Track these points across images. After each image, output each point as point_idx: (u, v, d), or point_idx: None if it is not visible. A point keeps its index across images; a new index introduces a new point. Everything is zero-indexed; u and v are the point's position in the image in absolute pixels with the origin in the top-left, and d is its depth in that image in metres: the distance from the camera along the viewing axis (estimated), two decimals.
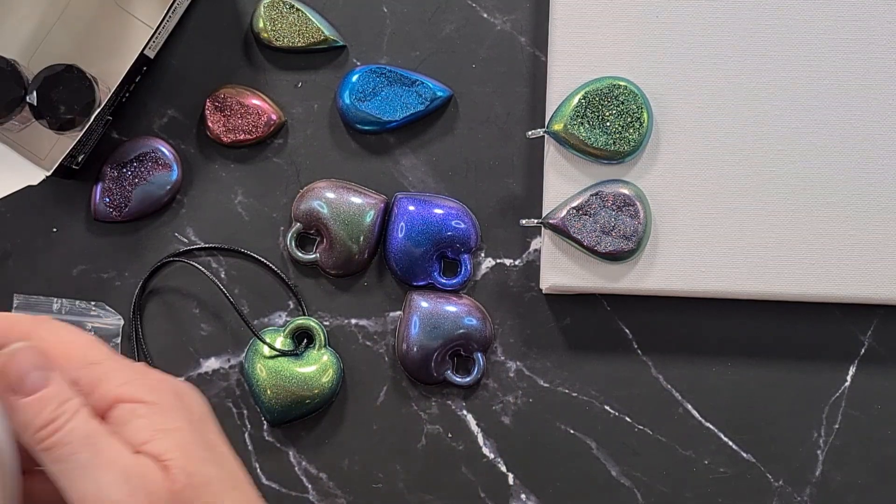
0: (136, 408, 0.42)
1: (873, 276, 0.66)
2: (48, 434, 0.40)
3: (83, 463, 0.40)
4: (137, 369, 0.44)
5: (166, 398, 0.43)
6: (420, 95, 0.69)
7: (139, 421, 0.41)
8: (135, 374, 0.43)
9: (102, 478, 0.39)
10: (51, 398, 0.40)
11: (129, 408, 0.42)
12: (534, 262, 0.69)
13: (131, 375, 0.43)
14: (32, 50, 0.70)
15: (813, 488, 0.69)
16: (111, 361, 0.43)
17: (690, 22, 0.66)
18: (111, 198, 0.69)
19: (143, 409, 0.42)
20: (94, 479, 0.39)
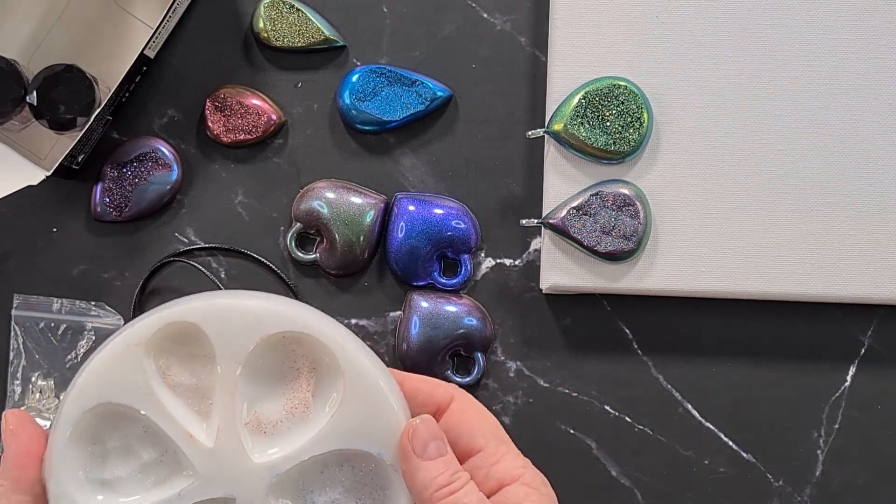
0: (531, 493, 0.49)
1: (873, 276, 0.66)
2: (446, 494, 0.47)
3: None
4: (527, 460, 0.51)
5: (552, 494, 0.50)
6: (420, 95, 0.69)
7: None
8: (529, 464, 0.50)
9: None
10: (448, 465, 0.48)
11: (524, 491, 0.49)
12: (534, 262, 0.69)
13: (527, 463, 0.50)
14: (32, 50, 0.70)
15: (813, 488, 0.69)
16: (512, 446, 0.51)
17: (690, 22, 0.66)
18: (111, 198, 0.69)
19: (536, 496, 0.49)
20: None
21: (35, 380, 0.69)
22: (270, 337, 0.51)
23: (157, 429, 0.51)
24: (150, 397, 0.51)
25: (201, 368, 0.52)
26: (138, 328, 0.51)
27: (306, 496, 0.52)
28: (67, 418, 0.50)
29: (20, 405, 0.69)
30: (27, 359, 0.69)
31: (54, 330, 0.69)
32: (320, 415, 0.51)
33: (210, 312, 0.51)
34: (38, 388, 0.69)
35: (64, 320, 0.69)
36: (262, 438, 0.52)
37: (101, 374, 0.51)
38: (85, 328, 0.69)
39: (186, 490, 0.50)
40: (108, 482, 0.52)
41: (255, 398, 0.52)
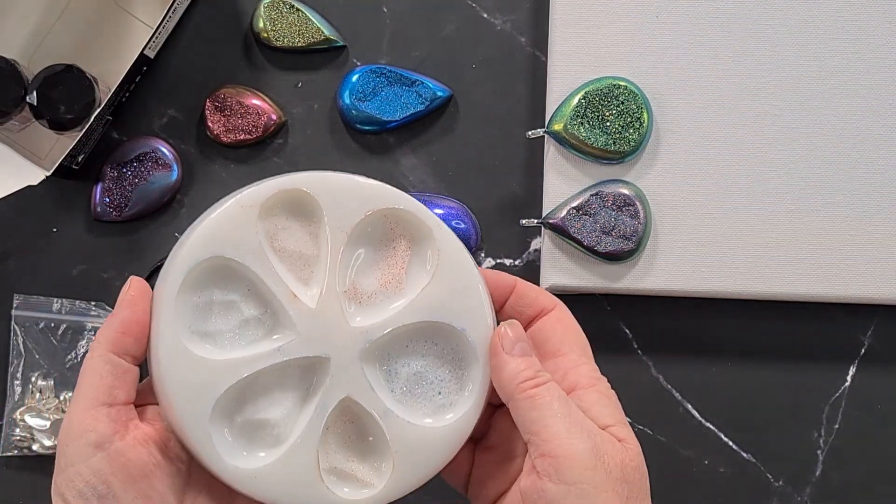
0: (603, 398, 0.51)
1: (873, 276, 0.66)
2: (532, 385, 0.50)
3: (559, 412, 0.49)
4: (604, 378, 0.53)
5: (621, 410, 0.52)
6: (420, 95, 0.69)
7: (605, 409, 0.51)
8: (605, 380, 0.53)
9: (572, 429, 0.49)
10: (532, 363, 0.51)
11: (597, 396, 0.51)
12: (534, 262, 0.69)
13: (602, 378, 0.53)
14: (32, 50, 0.70)
15: (813, 488, 0.69)
16: (594, 364, 0.54)
17: (690, 22, 0.66)
18: (111, 198, 0.69)
19: (608, 402, 0.51)
20: (566, 428, 0.49)
21: (35, 380, 0.69)
22: (377, 212, 0.55)
23: (263, 287, 0.54)
24: (261, 256, 0.54)
25: (307, 238, 0.56)
26: (254, 191, 0.55)
27: (391, 366, 0.55)
28: (181, 267, 0.53)
29: (20, 405, 0.69)
30: (27, 359, 0.69)
31: (54, 330, 0.69)
32: (413, 289, 0.55)
33: (324, 184, 0.55)
34: (38, 388, 0.69)
35: (64, 320, 0.69)
36: (358, 307, 0.55)
37: (215, 229, 0.54)
38: (85, 328, 0.69)
39: (286, 346, 0.54)
40: (210, 334, 0.55)
41: (355, 268, 0.56)
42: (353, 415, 0.55)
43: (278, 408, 0.55)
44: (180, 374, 0.53)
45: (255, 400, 0.55)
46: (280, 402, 0.55)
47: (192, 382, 0.53)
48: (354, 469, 0.55)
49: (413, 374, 0.55)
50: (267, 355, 0.54)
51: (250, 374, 0.54)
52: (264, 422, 0.55)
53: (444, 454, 0.53)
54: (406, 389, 0.55)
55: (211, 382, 0.53)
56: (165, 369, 0.53)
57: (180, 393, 0.53)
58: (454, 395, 0.55)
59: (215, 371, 0.53)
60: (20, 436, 0.69)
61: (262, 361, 0.54)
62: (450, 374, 0.55)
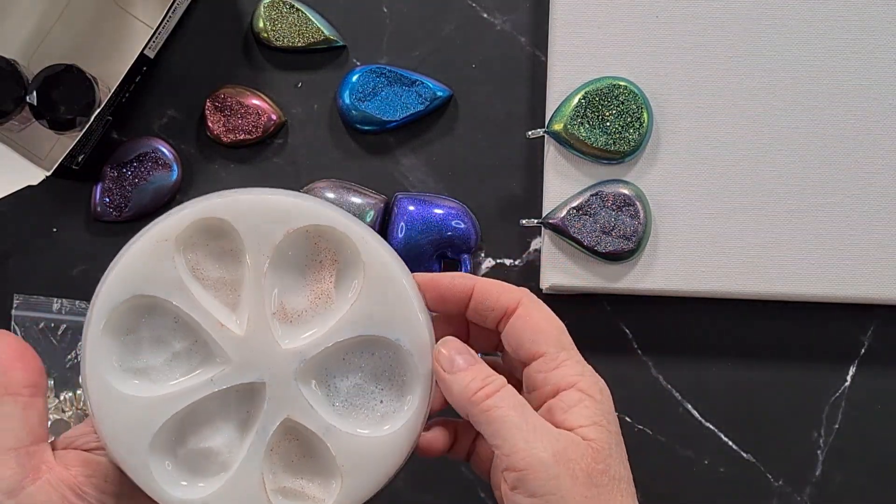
0: (584, 399, 0.50)
1: (873, 276, 0.66)
2: (483, 396, 0.49)
3: (515, 423, 0.48)
4: (588, 367, 0.52)
5: (609, 403, 0.51)
6: (420, 95, 0.69)
7: (583, 410, 0.50)
8: (587, 371, 0.52)
9: (531, 438, 0.47)
10: (478, 371, 0.50)
11: (578, 397, 0.50)
12: (534, 262, 0.69)
13: (585, 370, 0.51)
14: (32, 50, 0.70)
15: (813, 488, 0.69)
16: (574, 352, 0.52)
17: (690, 22, 0.66)
18: (111, 198, 0.69)
19: (589, 402, 0.50)
20: (524, 439, 0.47)
21: None
22: (297, 230, 0.54)
23: (189, 319, 0.54)
24: (181, 289, 0.54)
25: (229, 262, 0.55)
26: (168, 224, 0.54)
27: (330, 381, 0.55)
28: (102, 309, 0.53)
29: None
30: None
31: (54, 330, 0.69)
32: (342, 304, 0.54)
33: (238, 208, 0.54)
34: None
35: (64, 320, 0.69)
36: (288, 327, 0.55)
37: (133, 267, 0.53)
38: None
39: (218, 376, 0.53)
40: (142, 370, 0.55)
41: (281, 289, 0.55)
42: (297, 433, 0.55)
43: (220, 435, 0.55)
44: (113, 415, 0.53)
45: (197, 429, 0.55)
46: (222, 429, 0.55)
47: (126, 422, 0.53)
48: (303, 486, 0.55)
49: (353, 386, 0.55)
50: (199, 387, 0.54)
51: (184, 406, 0.53)
52: (207, 450, 0.55)
53: (392, 463, 0.53)
54: (347, 402, 0.55)
55: (145, 420, 0.53)
56: (98, 412, 0.53)
57: (116, 433, 0.53)
58: (396, 402, 0.55)
59: (148, 408, 0.53)
60: None
61: (195, 393, 0.53)
62: (389, 382, 0.55)
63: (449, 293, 0.54)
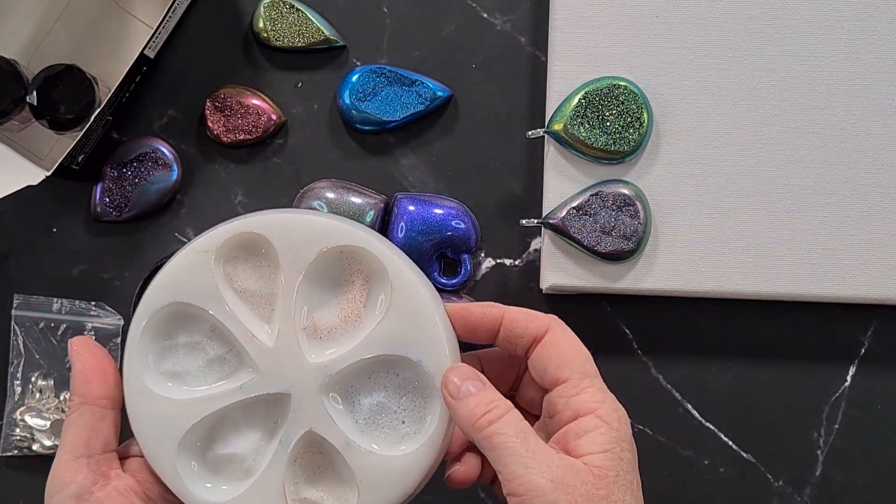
0: (601, 426, 0.50)
1: (873, 276, 0.66)
2: (486, 422, 0.50)
3: (515, 450, 0.48)
4: (609, 394, 0.52)
5: (625, 431, 0.51)
6: (420, 95, 0.69)
7: (597, 436, 0.50)
8: (609, 398, 0.52)
9: (530, 465, 0.48)
10: (483, 397, 0.51)
11: (595, 423, 0.50)
12: (534, 262, 0.69)
13: (607, 398, 0.52)
14: (32, 50, 0.70)
15: (813, 488, 0.69)
16: (597, 380, 0.53)
17: (690, 22, 0.66)
18: (111, 198, 0.69)
19: (605, 429, 0.50)
20: (523, 465, 0.48)
21: (35, 380, 0.69)
22: (330, 249, 0.56)
23: (223, 328, 0.56)
24: (218, 299, 0.56)
25: (266, 276, 0.57)
26: (210, 237, 0.56)
27: (354, 398, 0.56)
28: (142, 314, 0.56)
29: (20, 405, 0.69)
30: (27, 359, 0.69)
31: (54, 330, 0.69)
32: (370, 323, 0.56)
33: (277, 225, 0.56)
34: (38, 388, 0.69)
35: (64, 320, 0.69)
36: (317, 342, 0.56)
37: (174, 276, 0.56)
38: (85, 328, 0.69)
39: (247, 384, 0.55)
40: (177, 374, 0.57)
41: (313, 305, 0.57)
42: (320, 446, 0.56)
43: (246, 442, 0.57)
44: (147, 415, 0.55)
45: (225, 435, 0.57)
46: (248, 436, 0.57)
47: (156, 421, 0.55)
48: (322, 499, 0.56)
49: (376, 404, 0.56)
50: (229, 393, 0.55)
51: (213, 411, 0.55)
52: (233, 456, 0.56)
53: (409, 482, 0.54)
54: (370, 420, 0.56)
55: (175, 421, 0.55)
56: (133, 410, 0.55)
57: (148, 432, 0.55)
58: (417, 423, 0.55)
59: (179, 410, 0.55)
60: (20, 436, 0.69)
61: (225, 399, 0.55)
62: (412, 403, 0.56)
63: (479, 323, 0.54)
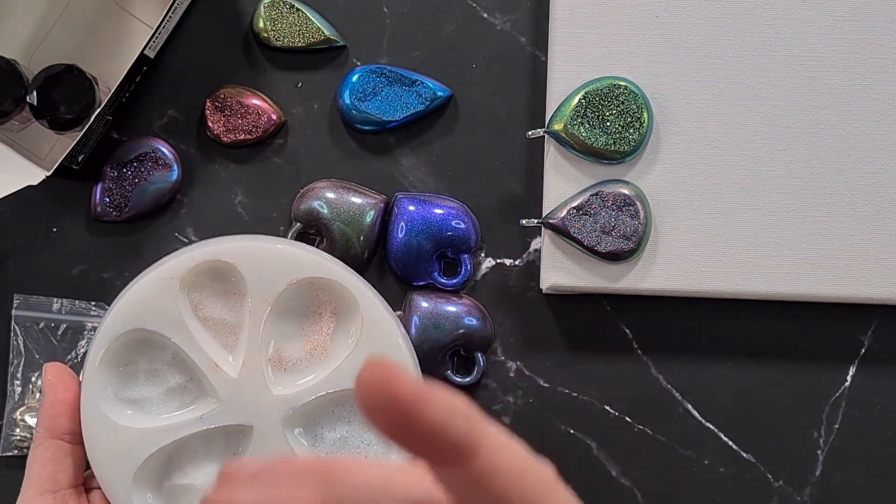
0: None
1: (873, 276, 0.66)
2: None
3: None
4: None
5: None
6: (420, 95, 0.69)
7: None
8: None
9: None
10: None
11: None
12: (534, 262, 0.69)
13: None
14: (32, 50, 0.70)
15: (813, 488, 0.69)
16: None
17: (690, 22, 0.66)
18: (111, 198, 0.69)
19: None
20: None
21: (35, 380, 0.69)
22: (300, 281, 0.55)
23: (185, 356, 0.55)
24: (181, 327, 0.55)
25: (231, 305, 0.56)
26: (176, 263, 0.55)
27: (317, 431, 0.56)
28: (102, 339, 0.55)
29: (20, 405, 0.69)
30: (27, 359, 0.69)
31: (54, 330, 0.69)
32: (337, 356, 0.55)
33: (246, 254, 0.55)
34: (38, 388, 0.69)
35: (64, 320, 0.69)
36: (282, 374, 0.55)
37: (137, 301, 0.55)
38: (85, 328, 0.69)
39: (208, 414, 0.54)
40: (136, 401, 0.56)
41: (278, 337, 0.56)
42: None
43: (204, 473, 0.56)
44: (103, 442, 0.54)
45: (182, 465, 0.56)
46: (205, 467, 0.56)
47: (113, 450, 0.54)
48: None
49: (338, 438, 0.56)
50: (189, 423, 0.54)
51: (171, 441, 0.54)
52: (189, 487, 0.55)
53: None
54: (332, 454, 0.55)
55: (132, 450, 0.54)
56: (89, 437, 0.54)
57: (103, 460, 0.54)
58: (380, 458, 0.55)
59: (136, 439, 0.54)
60: (20, 436, 0.69)
61: (184, 430, 0.54)
62: (376, 438, 0.55)
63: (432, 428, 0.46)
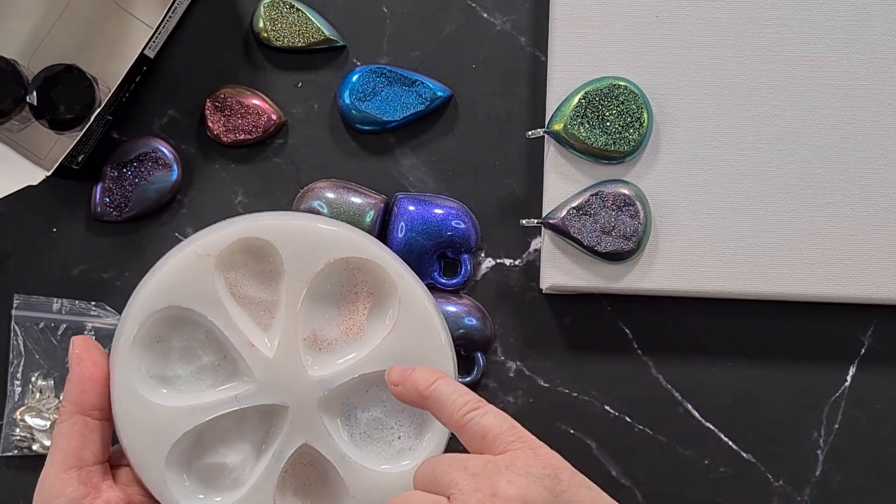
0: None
1: (873, 276, 0.66)
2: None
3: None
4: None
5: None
6: (420, 95, 0.69)
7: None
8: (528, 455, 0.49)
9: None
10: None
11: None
12: (534, 262, 0.69)
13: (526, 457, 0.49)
14: (32, 50, 0.70)
15: (813, 488, 0.69)
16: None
17: (690, 22, 0.66)
18: (111, 198, 0.69)
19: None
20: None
21: (35, 380, 0.69)
22: (338, 260, 0.54)
23: (220, 335, 0.54)
24: (217, 305, 0.54)
25: (268, 284, 0.56)
26: (212, 239, 0.54)
27: (351, 412, 0.55)
28: (137, 316, 0.54)
29: (20, 405, 0.69)
30: (27, 359, 0.69)
31: (54, 330, 0.69)
32: (373, 337, 0.55)
33: (285, 232, 0.54)
34: (38, 388, 0.69)
35: (64, 320, 0.69)
36: (316, 354, 0.55)
37: (172, 278, 0.54)
38: (85, 328, 0.69)
39: (243, 394, 0.54)
40: (168, 378, 0.55)
41: (314, 316, 0.55)
42: (312, 458, 0.55)
43: (236, 452, 0.55)
44: (136, 420, 0.53)
45: (214, 444, 0.55)
46: (238, 446, 0.55)
47: (147, 428, 0.53)
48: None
49: (373, 419, 0.55)
50: (223, 402, 0.54)
51: (206, 420, 0.54)
52: (222, 466, 0.55)
53: None
54: (365, 434, 0.55)
55: (166, 428, 0.53)
56: (121, 415, 0.53)
57: (136, 438, 0.53)
58: (413, 440, 0.55)
59: (170, 417, 0.53)
60: (20, 436, 0.69)
61: (219, 408, 0.54)
62: (410, 420, 0.55)
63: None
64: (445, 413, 0.50)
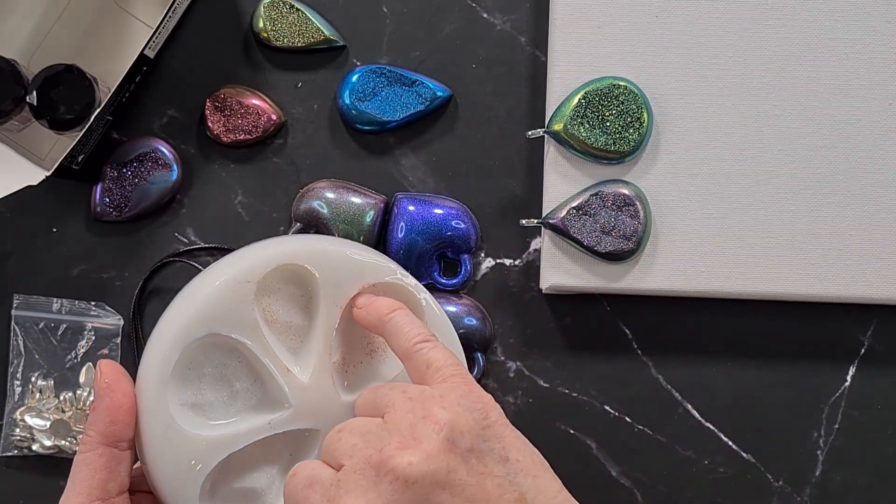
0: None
1: (873, 276, 0.66)
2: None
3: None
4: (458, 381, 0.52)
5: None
6: (420, 95, 0.69)
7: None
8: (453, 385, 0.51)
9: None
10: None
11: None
12: (534, 262, 0.69)
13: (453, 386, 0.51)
14: (32, 50, 0.70)
15: (813, 488, 0.69)
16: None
17: (690, 22, 0.66)
18: (111, 198, 0.69)
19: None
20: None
21: (35, 380, 0.69)
22: (370, 286, 0.55)
23: (255, 359, 0.54)
24: (256, 331, 0.53)
25: (299, 308, 0.56)
26: (252, 265, 0.54)
27: None
28: (176, 344, 0.53)
29: (20, 405, 0.69)
30: (27, 359, 0.69)
31: (54, 330, 0.69)
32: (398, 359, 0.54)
33: (322, 258, 0.54)
34: (38, 388, 0.69)
35: (64, 320, 0.69)
36: (344, 377, 0.55)
37: (213, 305, 0.53)
38: (85, 328, 0.69)
39: (277, 419, 0.53)
40: (199, 405, 0.54)
41: (343, 340, 0.56)
42: None
43: (263, 476, 0.55)
44: (170, 452, 0.52)
45: (240, 469, 0.55)
46: (264, 470, 0.55)
47: (182, 459, 0.52)
48: None
49: None
50: (257, 429, 0.53)
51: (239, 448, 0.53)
52: (249, 491, 0.54)
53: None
54: None
55: (202, 458, 0.52)
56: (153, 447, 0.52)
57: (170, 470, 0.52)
58: None
59: (207, 447, 0.52)
60: (20, 436, 0.69)
61: (252, 436, 0.53)
62: None
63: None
64: (398, 341, 0.53)
